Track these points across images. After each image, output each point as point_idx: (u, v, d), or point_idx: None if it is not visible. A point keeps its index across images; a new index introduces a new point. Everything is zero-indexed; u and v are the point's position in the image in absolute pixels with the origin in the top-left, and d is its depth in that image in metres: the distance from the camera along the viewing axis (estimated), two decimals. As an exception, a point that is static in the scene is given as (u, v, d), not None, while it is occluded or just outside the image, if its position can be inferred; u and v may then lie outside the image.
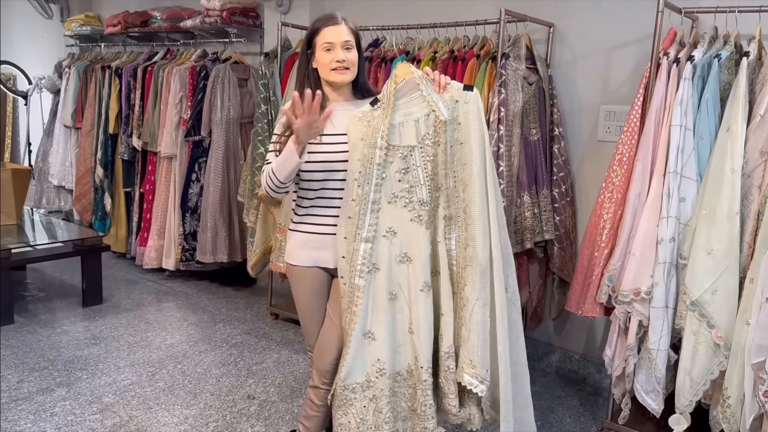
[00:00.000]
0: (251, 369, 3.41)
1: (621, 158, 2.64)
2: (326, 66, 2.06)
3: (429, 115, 2.01)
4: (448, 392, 2.07)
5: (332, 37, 2.04)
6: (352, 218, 2.01)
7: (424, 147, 2.02)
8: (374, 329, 2.04)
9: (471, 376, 2.02)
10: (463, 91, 2.04)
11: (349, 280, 2.02)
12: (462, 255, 2.04)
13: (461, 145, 2.02)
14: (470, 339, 2.02)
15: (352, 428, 2.07)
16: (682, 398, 2.49)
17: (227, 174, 4.52)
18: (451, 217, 2.05)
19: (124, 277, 4.98)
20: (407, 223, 2.03)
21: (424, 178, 2.02)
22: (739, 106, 2.35)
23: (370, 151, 1.99)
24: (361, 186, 2.00)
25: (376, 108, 2.04)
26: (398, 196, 2.03)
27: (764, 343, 2.24)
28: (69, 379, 3.19)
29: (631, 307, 2.55)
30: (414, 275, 2.03)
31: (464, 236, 2.03)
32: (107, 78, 5.33)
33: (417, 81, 2.02)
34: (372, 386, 2.05)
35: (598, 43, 3.24)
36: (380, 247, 2.03)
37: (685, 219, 2.48)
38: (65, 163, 5.87)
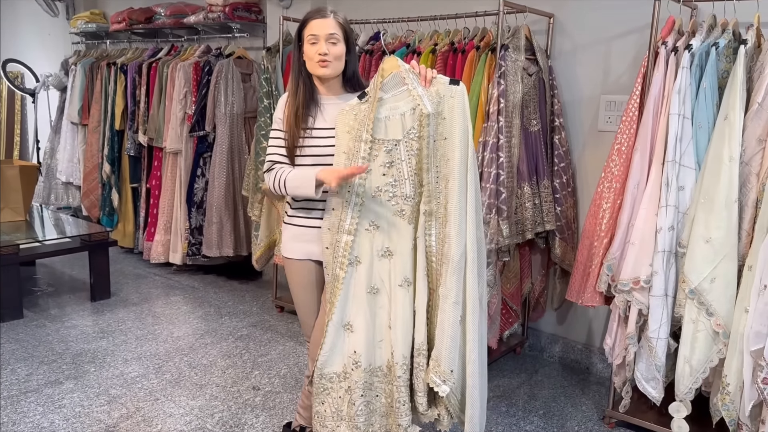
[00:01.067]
0: (256, 361, 3.45)
1: (620, 148, 2.65)
2: (311, 59, 2.08)
3: (415, 109, 2.00)
4: (417, 390, 2.06)
5: (317, 30, 2.05)
6: (335, 210, 2.03)
7: (408, 141, 2.01)
8: (353, 321, 2.05)
9: (435, 374, 2.02)
10: (449, 85, 2.02)
11: (332, 271, 2.05)
12: (441, 252, 2.03)
13: (445, 140, 2.01)
14: (438, 337, 2.02)
15: (327, 417, 2.09)
16: (681, 386, 2.51)
17: (231, 168, 4.56)
18: (432, 212, 2.04)
19: (132, 271, 5.04)
20: (390, 217, 2.04)
21: (409, 172, 2.02)
22: (737, 94, 2.35)
23: (356, 145, 2.00)
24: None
25: (363, 102, 2.03)
26: (382, 189, 2.03)
27: (763, 330, 2.25)
28: (77, 372, 3.24)
29: (630, 295, 2.56)
30: (394, 270, 2.04)
31: (443, 233, 2.02)
32: (113, 75, 5.37)
33: (403, 75, 2.02)
34: (348, 377, 2.06)
35: (597, 33, 3.24)
36: (362, 240, 2.03)
37: (683, 208, 2.49)
38: (73, 159, 5.93)
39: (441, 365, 2.00)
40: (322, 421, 2.11)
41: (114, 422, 2.78)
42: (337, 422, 2.09)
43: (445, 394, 2.02)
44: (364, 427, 2.09)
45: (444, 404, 2.10)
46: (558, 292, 3.39)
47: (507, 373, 3.40)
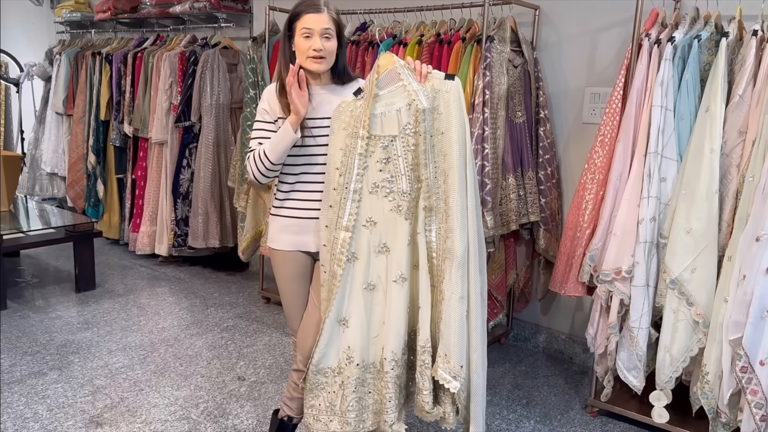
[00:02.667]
0: (242, 351, 3.45)
1: (603, 139, 2.67)
2: (303, 53, 2.06)
3: (410, 104, 2.00)
4: (423, 388, 2.04)
5: (312, 24, 2.03)
6: (333, 207, 2.02)
7: (405, 137, 2.01)
8: (348, 317, 2.05)
9: (444, 371, 2.00)
10: (444, 80, 2.02)
11: (329, 268, 2.04)
12: (442, 247, 2.03)
13: (442, 135, 2.00)
14: (446, 333, 2.01)
15: (321, 410, 2.09)
16: (662, 375, 2.54)
17: (217, 159, 4.54)
18: (432, 208, 2.03)
19: (117, 263, 5.01)
20: (387, 213, 2.03)
21: (405, 168, 2.02)
22: (718, 86, 2.37)
23: (352, 141, 2.00)
24: (342, 175, 2.01)
25: (359, 98, 2.03)
26: (379, 186, 2.02)
27: (741, 320, 2.29)
28: (61, 363, 3.23)
29: (612, 286, 2.59)
30: (391, 266, 2.04)
31: (444, 228, 2.02)
32: (98, 64, 5.33)
33: (398, 71, 2.01)
34: (342, 373, 2.07)
35: (583, 25, 3.25)
36: (360, 236, 2.03)
37: (665, 199, 2.51)
38: (57, 150, 5.88)
39: (451, 361, 1.99)
40: (316, 415, 2.11)
41: (98, 412, 2.77)
42: (330, 417, 2.10)
43: (456, 390, 2.00)
44: (355, 423, 2.10)
45: (451, 401, 2.08)
46: (542, 283, 3.42)
47: (491, 363, 3.42)
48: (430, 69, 2.04)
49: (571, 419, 2.88)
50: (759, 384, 2.28)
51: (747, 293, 2.27)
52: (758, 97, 2.35)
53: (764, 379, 2.27)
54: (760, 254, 2.25)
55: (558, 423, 2.84)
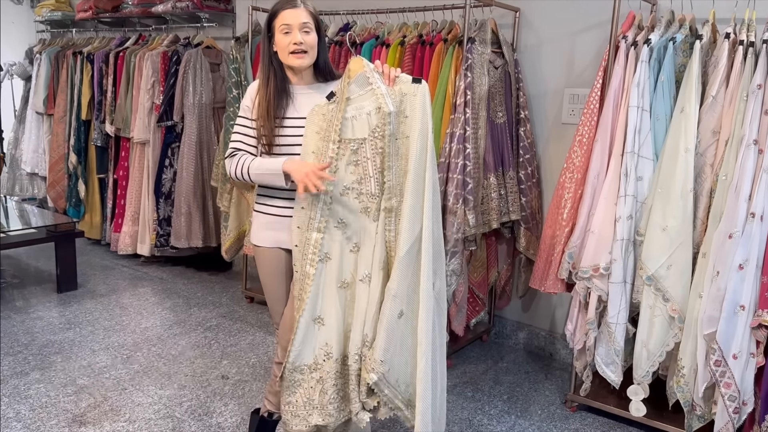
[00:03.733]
0: (226, 350, 3.46)
1: (581, 139, 2.72)
2: (284, 49, 2.08)
3: (379, 108, 2.03)
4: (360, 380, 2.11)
5: (290, 19, 2.05)
6: (305, 209, 2.05)
7: (373, 140, 2.04)
8: (324, 315, 2.08)
9: (368, 362, 2.06)
10: (411, 83, 2.04)
11: (301, 268, 2.07)
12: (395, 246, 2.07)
13: (407, 138, 2.03)
14: (378, 329, 2.05)
15: (299, 406, 2.12)
16: (639, 370, 2.60)
17: (200, 159, 4.54)
18: (392, 209, 2.05)
19: (99, 263, 4.99)
20: (357, 214, 2.07)
21: (374, 170, 2.05)
22: (692, 87, 2.44)
23: (324, 145, 2.03)
24: None
25: (331, 102, 2.05)
26: (349, 188, 2.06)
27: (715, 315, 2.35)
28: (43, 363, 3.22)
29: (590, 282, 2.64)
30: (359, 265, 2.09)
31: (399, 226, 2.05)
32: (79, 64, 5.30)
33: (368, 74, 2.04)
34: (319, 368, 2.10)
35: (562, 27, 3.31)
36: (333, 237, 2.06)
37: (642, 197, 2.57)
38: (38, 150, 5.84)
39: (374, 354, 2.04)
40: (294, 410, 2.13)
41: (81, 412, 2.77)
42: (309, 411, 2.12)
43: (372, 381, 2.05)
44: (336, 414, 2.14)
45: (369, 392, 2.12)
46: (523, 281, 3.47)
47: (473, 360, 3.47)
48: (398, 72, 2.07)
49: (551, 414, 2.93)
50: (732, 377, 2.34)
51: (720, 289, 2.33)
52: (731, 98, 2.41)
53: (737, 372, 2.34)
54: (732, 251, 2.31)
55: (538, 418, 2.89)
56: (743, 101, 2.35)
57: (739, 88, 2.38)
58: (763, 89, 2.31)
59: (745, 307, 2.32)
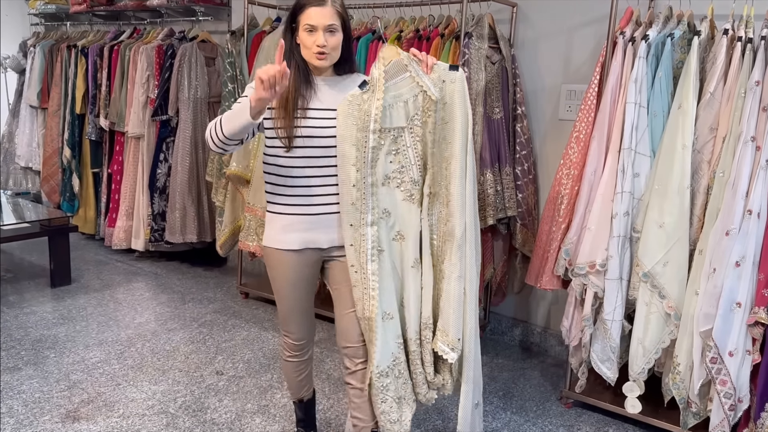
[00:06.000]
0: (220, 346, 3.44)
1: (578, 135, 2.71)
2: (307, 48, 1.99)
3: (417, 95, 2.03)
4: (425, 361, 2.16)
5: (315, 20, 1.95)
6: (355, 204, 2.02)
7: (413, 128, 2.05)
8: (389, 309, 2.09)
9: (444, 343, 2.12)
10: (449, 71, 2.04)
11: (361, 266, 2.05)
12: (442, 230, 2.12)
13: (446, 124, 2.05)
14: (446, 310, 2.11)
15: (394, 410, 2.12)
16: (635, 366, 2.59)
17: (195, 153, 4.52)
18: (435, 194, 2.10)
19: (93, 258, 4.97)
20: (400, 202, 2.08)
21: (415, 157, 2.06)
22: (690, 84, 2.43)
23: (363, 135, 1.99)
24: (359, 171, 2.01)
25: (365, 91, 2.00)
26: (390, 177, 2.06)
27: (711, 312, 2.34)
28: (36, 358, 3.20)
29: (586, 279, 2.63)
30: (407, 252, 2.10)
31: (445, 212, 2.10)
32: (73, 57, 5.26)
33: (405, 62, 2.02)
34: (397, 362, 2.12)
35: (559, 22, 3.29)
36: (381, 229, 2.07)
37: (638, 194, 2.56)
38: (32, 144, 5.80)
39: (449, 335, 2.11)
40: (390, 417, 2.12)
41: (74, 407, 2.76)
42: (403, 409, 2.14)
43: (453, 360, 2.12)
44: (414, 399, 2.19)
45: (449, 370, 2.21)
46: (519, 277, 3.46)
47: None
48: (435, 60, 2.05)
49: (546, 410, 2.92)
50: (728, 374, 2.34)
51: (717, 286, 2.33)
52: (729, 94, 2.40)
53: (733, 369, 2.33)
54: (729, 248, 2.31)
55: (534, 414, 2.89)
56: (741, 98, 2.34)
57: (737, 84, 2.37)
58: (761, 86, 2.31)
59: (741, 304, 2.31)
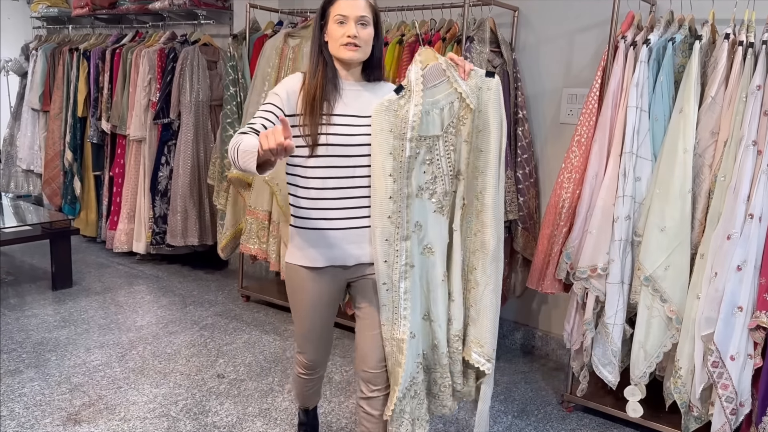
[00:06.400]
0: (221, 349, 3.44)
1: (579, 139, 2.71)
2: (336, 40, 1.88)
3: (453, 103, 1.94)
4: (455, 371, 2.13)
5: (347, 10, 1.86)
6: (391, 217, 1.92)
7: (447, 136, 1.96)
8: (413, 328, 2.00)
9: (479, 354, 2.09)
10: (485, 77, 1.98)
11: (393, 284, 1.95)
12: (472, 240, 2.06)
13: (479, 133, 1.98)
14: (481, 321, 2.07)
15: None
16: (636, 370, 2.59)
17: (197, 157, 4.52)
18: (469, 204, 2.05)
19: (95, 261, 4.97)
20: (431, 215, 2.00)
21: (448, 167, 1.98)
22: (691, 88, 2.43)
23: (400, 144, 1.88)
24: (396, 181, 1.90)
25: (400, 96, 1.89)
26: (423, 188, 1.97)
27: (713, 316, 2.34)
28: (38, 361, 3.20)
29: (588, 283, 2.63)
30: (436, 267, 2.02)
31: (475, 223, 2.05)
32: (75, 60, 5.27)
33: (443, 67, 1.93)
34: (415, 382, 2.05)
35: (561, 26, 3.30)
36: (413, 242, 1.98)
37: (640, 198, 2.56)
38: (33, 146, 5.81)
39: (485, 346, 2.08)
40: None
41: (76, 410, 2.76)
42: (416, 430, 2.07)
43: (490, 371, 2.10)
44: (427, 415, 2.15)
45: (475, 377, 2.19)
46: (520, 281, 3.46)
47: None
48: (472, 66, 1.98)
49: (547, 414, 2.92)
50: (729, 378, 2.34)
51: (718, 290, 2.33)
52: (730, 99, 2.41)
53: (735, 373, 2.33)
54: (731, 252, 2.31)
55: (535, 418, 2.88)
56: (742, 102, 2.34)
57: (738, 88, 2.37)
58: (763, 90, 2.31)
59: (742, 308, 2.31)
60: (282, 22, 4.07)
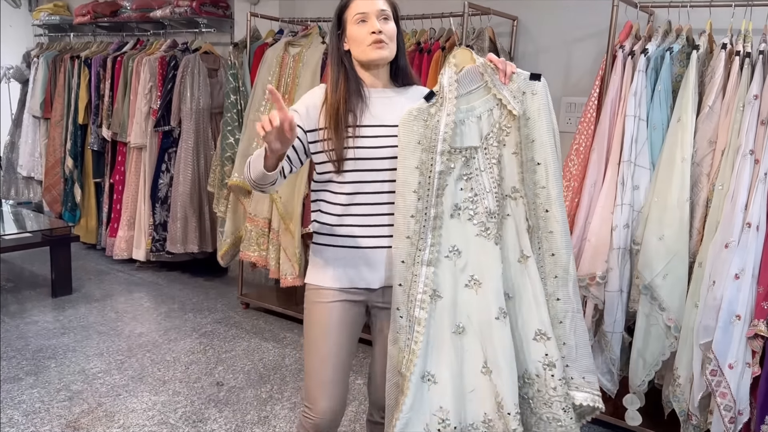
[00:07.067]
0: (220, 357, 3.45)
1: (578, 148, 2.73)
2: (361, 42, 1.73)
3: (492, 110, 1.74)
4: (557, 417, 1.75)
5: (366, 7, 1.73)
6: (411, 238, 1.71)
7: (488, 148, 1.74)
8: (435, 370, 1.72)
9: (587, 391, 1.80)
10: (529, 80, 1.74)
11: (407, 312, 1.72)
12: (549, 266, 1.79)
13: (532, 143, 1.73)
14: (579, 355, 1.79)
15: None
16: (635, 379, 2.59)
17: (197, 164, 4.54)
18: (533, 226, 1.77)
19: (94, 268, 4.97)
20: (473, 239, 1.74)
21: (491, 184, 1.74)
22: (689, 97, 2.45)
23: (429, 157, 1.70)
24: (421, 199, 1.71)
25: (432, 103, 1.72)
26: (461, 207, 1.74)
27: (711, 324, 2.35)
28: (37, 368, 3.20)
29: (587, 291, 2.64)
30: (485, 302, 1.72)
31: (546, 246, 1.78)
32: (76, 68, 5.29)
33: (481, 70, 1.73)
34: None
35: (559, 36, 3.32)
36: (443, 270, 1.73)
37: (638, 206, 2.57)
38: (34, 153, 5.83)
39: (591, 380, 1.81)
40: None
41: (75, 418, 2.76)
42: None
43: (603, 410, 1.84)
44: None
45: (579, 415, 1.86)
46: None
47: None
48: (514, 68, 1.76)
49: (546, 423, 2.92)
50: (728, 387, 2.34)
51: (716, 298, 2.33)
52: (727, 108, 2.42)
53: (733, 381, 2.33)
54: (729, 260, 2.31)
55: (534, 426, 2.88)
56: (740, 111, 2.36)
57: (735, 98, 2.39)
58: (759, 99, 2.32)
59: (741, 316, 2.32)
60: (282, 30, 4.09)
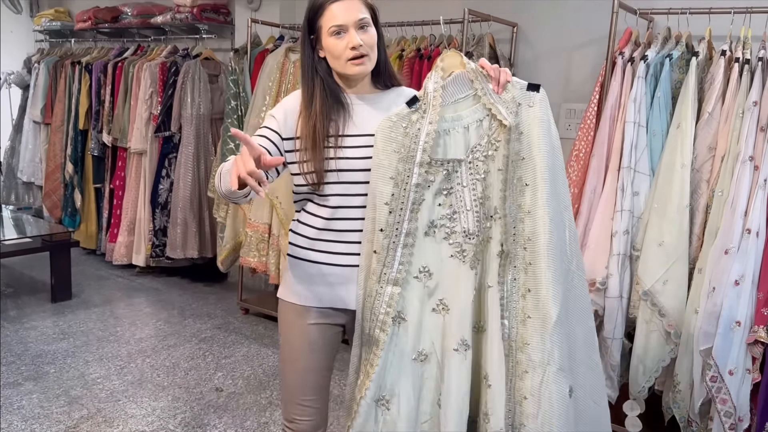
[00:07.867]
0: (220, 362, 3.44)
1: (578, 154, 2.73)
2: (339, 56, 1.59)
3: (482, 120, 1.57)
4: None
5: (342, 17, 1.56)
6: (378, 253, 1.59)
7: (474, 162, 1.58)
8: (390, 397, 1.61)
9: None
10: (526, 91, 1.57)
11: (368, 332, 1.62)
12: (520, 305, 1.56)
13: (522, 161, 1.54)
14: (543, 419, 1.51)
15: None
16: (635, 385, 2.59)
17: (197, 170, 4.54)
18: (508, 254, 1.56)
19: (94, 273, 4.97)
20: (447, 260, 1.59)
21: (472, 202, 1.58)
22: (689, 103, 2.45)
23: (406, 168, 1.56)
24: (393, 212, 1.57)
25: (414, 109, 1.58)
26: (437, 225, 1.59)
27: (711, 330, 2.35)
28: (37, 373, 3.19)
29: (587, 297, 2.64)
30: (449, 330, 1.58)
31: (522, 280, 1.55)
32: (77, 74, 5.30)
33: (471, 77, 1.58)
34: None
35: (559, 42, 3.33)
36: (410, 291, 1.60)
37: (638, 212, 2.58)
38: (34, 159, 5.83)
39: None
40: None
41: (74, 423, 2.75)
42: None
43: None
44: None
45: None
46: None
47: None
48: (510, 76, 1.58)
49: (546, 429, 2.91)
50: (728, 393, 2.34)
51: (716, 304, 2.34)
52: (727, 114, 2.43)
53: (733, 388, 2.33)
54: (728, 267, 2.32)
55: None
56: (739, 118, 2.36)
57: (734, 104, 2.40)
58: (759, 106, 2.33)
59: (740, 323, 2.32)
60: (283, 36, 4.11)
